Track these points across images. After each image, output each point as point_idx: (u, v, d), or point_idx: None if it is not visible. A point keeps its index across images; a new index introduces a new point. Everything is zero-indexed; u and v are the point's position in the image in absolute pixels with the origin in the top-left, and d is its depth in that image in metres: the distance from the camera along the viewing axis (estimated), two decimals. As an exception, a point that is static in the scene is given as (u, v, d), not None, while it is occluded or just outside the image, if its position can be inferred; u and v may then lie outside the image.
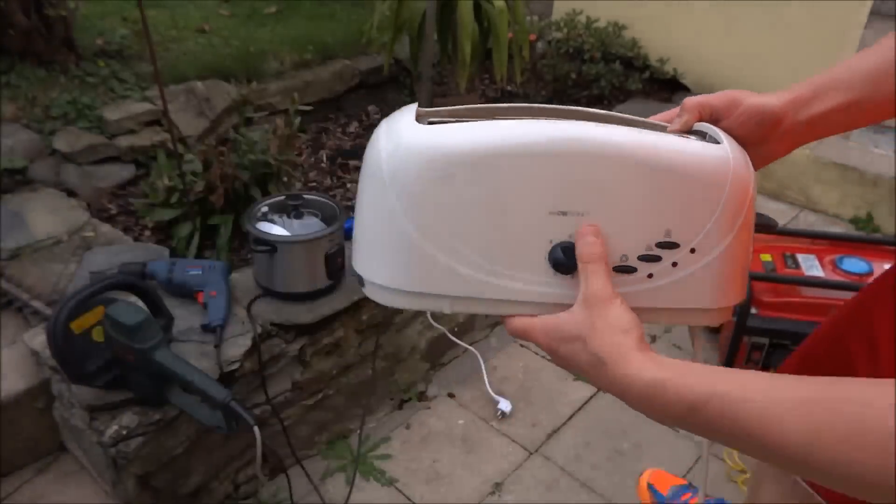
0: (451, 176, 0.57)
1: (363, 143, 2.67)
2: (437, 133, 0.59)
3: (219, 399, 1.25)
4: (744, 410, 0.48)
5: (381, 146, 0.65)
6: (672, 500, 1.64)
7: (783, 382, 0.49)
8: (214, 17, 3.25)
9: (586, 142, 0.56)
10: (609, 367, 0.55)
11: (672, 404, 0.52)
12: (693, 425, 0.53)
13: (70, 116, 2.25)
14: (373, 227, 0.63)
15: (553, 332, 0.59)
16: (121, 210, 2.14)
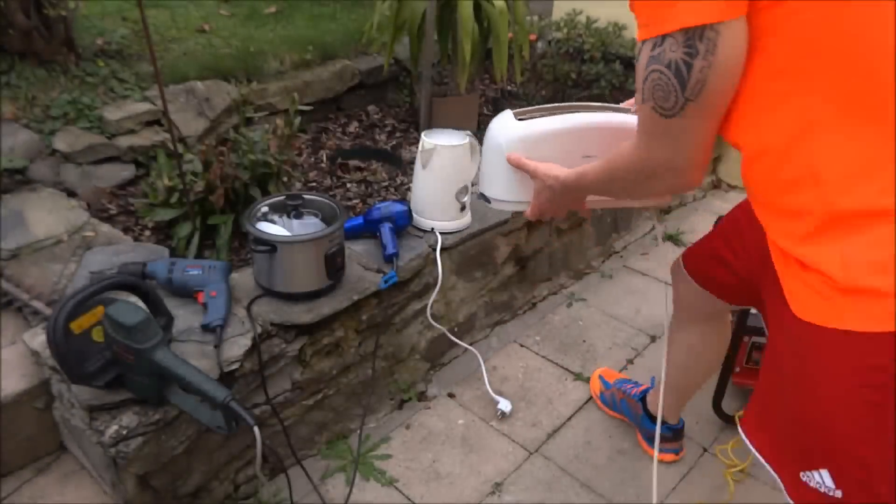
0: (533, 143, 1.25)
1: (363, 143, 2.68)
2: (524, 124, 1.25)
3: (218, 399, 1.25)
4: (591, 173, 1.12)
5: (497, 132, 1.28)
6: (616, 386, 1.92)
7: (598, 165, 1.11)
8: (214, 17, 3.25)
9: (594, 121, 1.24)
10: (560, 179, 1.19)
11: (576, 181, 1.16)
12: (585, 187, 1.17)
13: (70, 116, 2.25)
14: (495, 170, 1.29)
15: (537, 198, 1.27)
16: (121, 210, 2.14)
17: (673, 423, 1.78)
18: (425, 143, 1.83)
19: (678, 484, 1.76)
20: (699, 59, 0.86)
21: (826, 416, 0.90)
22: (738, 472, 1.78)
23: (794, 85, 0.87)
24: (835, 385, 0.88)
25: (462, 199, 1.90)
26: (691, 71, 0.87)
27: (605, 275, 2.58)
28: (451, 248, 1.95)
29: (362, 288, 1.71)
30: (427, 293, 1.93)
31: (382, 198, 2.29)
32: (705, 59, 0.86)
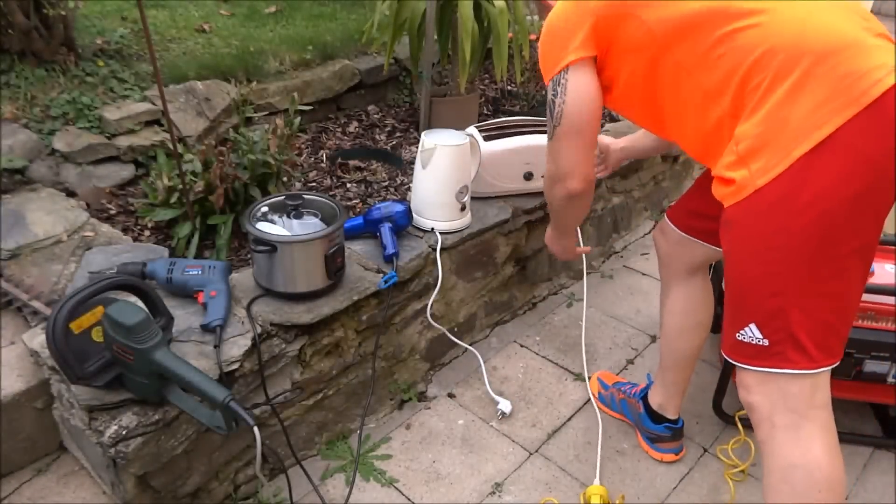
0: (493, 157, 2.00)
1: (363, 143, 2.68)
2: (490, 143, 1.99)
3: (218, 399, 1.25)
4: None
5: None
6: (614, 387, 1.97)
7: None
8: (214, 16, 3.25)
9: (534, 142, 2.02)
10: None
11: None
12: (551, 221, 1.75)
13: (69, 116, 2.25)
14: None
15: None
16: (120, 210, 2.14)
17: (673, 421, 1.78)
18: (425, 143, 1.82)
19: (678, 484, 1.76)
20: (558, 97, 1.34)
21: (747, 277, 1.18)
22: (739, 473, 1.78)
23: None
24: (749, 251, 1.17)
25: (462, 199, 1.90)
26: (555, 105, 1.35)
27: (605, 275, 2.58)
28: (451, 248, 1.94)
29: (362, 288, 1.71)
30: (427, 293, 1.92)
31: (382, 198, 2.29)
32: (560, 97, 1.34)
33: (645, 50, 1.24)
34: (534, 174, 2.08)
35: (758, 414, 1.23)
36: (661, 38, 1.21)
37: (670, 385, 1.76)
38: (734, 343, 1.22)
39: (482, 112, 2.95)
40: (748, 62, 1.12)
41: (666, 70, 1.23)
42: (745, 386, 1.24)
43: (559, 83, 1.32)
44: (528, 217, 2.17)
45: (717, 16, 1.16)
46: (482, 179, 2.03)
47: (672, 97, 1.26)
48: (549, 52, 1.35)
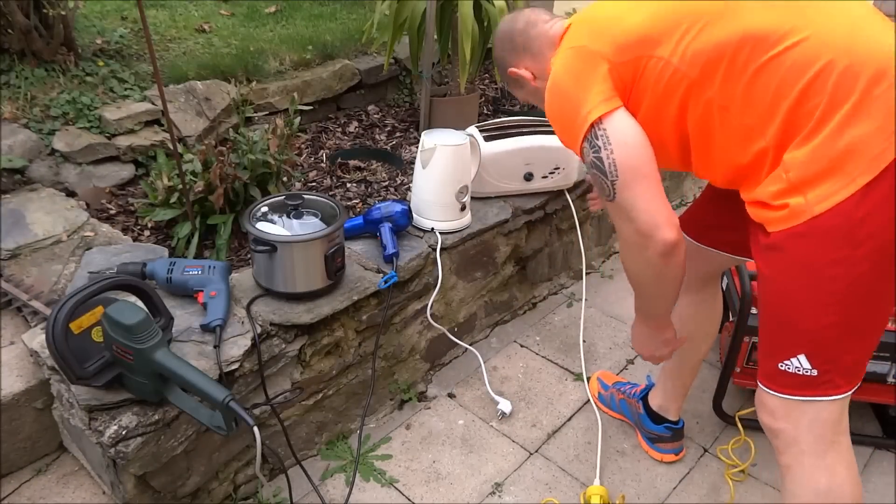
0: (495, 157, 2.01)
1: (363, 142, 2.68)
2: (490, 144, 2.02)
3: (218, 399, 1.25)
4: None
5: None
6: (614, 387, 1.95)
7: None
8: (214, 16, 3.25)
9: (535, 143, 2.06)
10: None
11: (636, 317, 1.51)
12: (640, 311, 1.47)
13: (69, 116, 2.25)
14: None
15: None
16: (120, 210, 2.14)
17: (673, 422, 1.78)
18: (425, 142, 1.82)
19: (678, 484, 1.76)
20: (603, 150, 1.17)
21: (800, 305, 1.11)
22: (739, 473, 1.78)
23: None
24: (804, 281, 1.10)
25: (462, 199, 1.90)
26: (603, 162, 1.18)
27: (605, 275, 2.58)
28: (451, 248, 1.94)
29: (362, 288, 1.71)
30: (427, 293, 1.92)
31: (382, 198, 2.29)
32: (606, 149, 1.17)
33: (671, 91, 1.15)
34: (534, 174, 2.09)
35: (783, 440, 1.20)
36: (689, 77, 1.13)
37: (672, 389, 1.76)
38: (775, 373, 1.16)
39: (482, 112, 2.95)
40: (801, 83, 1.05)
41: (696, 109, 1.15)
42: (769, 411, 1.21)
43: (597, 137, 1.17)
44: (528, 217, 2.17)
45: (750, 46, 1.09)
46: (482, 179, 2.03)
47: (702, 135, 1.17)
48: (568, 116, 1.22)
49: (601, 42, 1.19)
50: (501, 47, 1.42)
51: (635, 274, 1.32)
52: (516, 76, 1.40)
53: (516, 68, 1.39)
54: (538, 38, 1.35)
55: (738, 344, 1.76)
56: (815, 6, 1.10)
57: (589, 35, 1.23)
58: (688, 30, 1.13)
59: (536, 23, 1.36)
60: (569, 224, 2.39)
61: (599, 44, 1.19)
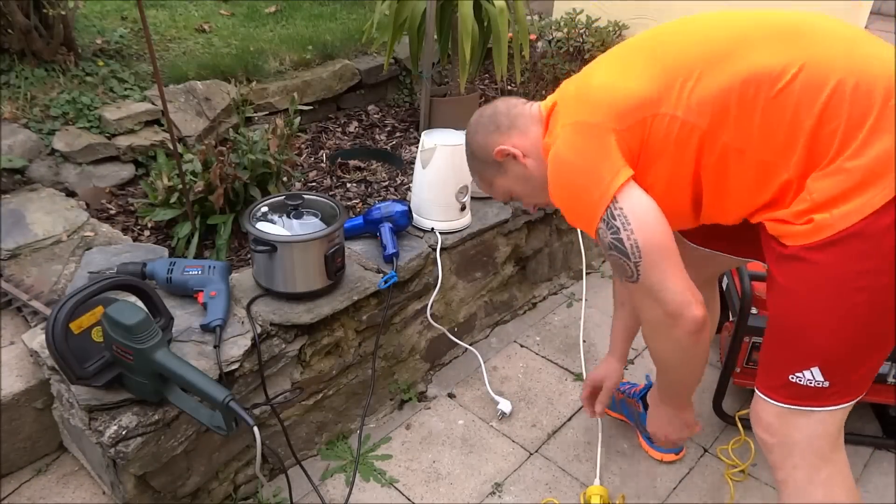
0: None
1: (363, 142, 2.67)
2: None
3: (218, 399, 1.25)
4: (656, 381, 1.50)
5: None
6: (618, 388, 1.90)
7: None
8: (214, 16, 3.25)
9: None
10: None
11: (659, 401, 1.54)
12: (665, 394, 1.50)
13: (69, 116, 2.25)
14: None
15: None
16: (120, 210, 2.14)
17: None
18: (425, 143, 1.82)
19: (679, 484, 1.76)
20: (622, 231, 1.12)
21: (819, 317, 1.09)
22: (739, 473, 1.78)
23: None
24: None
25: (462, 199, 1.90)
26: (623, 243, 1.13)
27: (605, 275, 2.58)
28: (451, 248, 1.94)
29: (362, 288, 1.71)
30: (427, 293, 1.92)
31: (382, 198, 2.29)
32: (626, 230, 1.12)
33: (683, 144, 1.12)
34: (534, 174, 2.08)
35: (779, 454, 1.20)
36: (699, 127, 1.10)
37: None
38: (785, 384, 1.15)
39: (482, 112, 2.95)
40: (817, 108, 1.04)
41: (711, 157, 1.12)
42: (765, 425, 1.20)
43: (614, 218, 1.13)
44: (528, 217, 2.17)
45: (755, 84, 1.07)
46: None
47: (718, 183, 1.14)
48: (579, 198, 1.18)
49: (600, 113, 1.15)
50: (484, 132, 1.36)
51: (662, 355, 1.30)
52: (506, 154, 1.33)
53: (504, 146, 1.32)
54: (522, 117, 1.33)
55: (738, 344, 1.76)
56: (806, 34, 1.10)
57: (584, 109, 1.19)
58: (685, 82, 1.11)
59: (516, 104, 1.35)
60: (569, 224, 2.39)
61: (599, 115, 1.15)
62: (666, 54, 1.17)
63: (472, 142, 1.39)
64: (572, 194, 1.19)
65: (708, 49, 1.13)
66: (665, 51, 1.18)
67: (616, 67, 1.20)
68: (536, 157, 1.31)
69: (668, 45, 1.19)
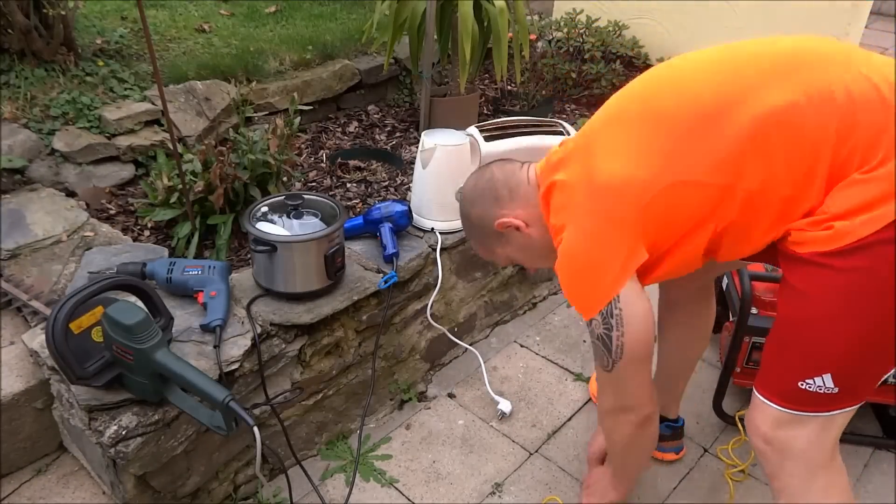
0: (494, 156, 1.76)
1: (363, 142, 2.67)
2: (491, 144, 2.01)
3: (218, 399, 1.25)
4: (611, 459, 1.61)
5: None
6: None
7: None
8: (214, 16, 3.25)
9: (533, 143, 2.05)
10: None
11: (612, 480, 1.60)
12: (617, 472, 1.58)
13: (69, 116, 2.25)
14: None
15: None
16: (120, 210, 2.14)
17: (673, 421, 1.78)
18: (425, 142, 1.82)
19: (679, 484, 1.76)
20: (614, 330, 1.17)
21: (837, 324, 1.07)
22: (739, 473, 1.78)
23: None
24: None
25: (462, 199, 1.90)
26: (612, 341, 1.19)
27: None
28: (451, 248, 1.94)
29: (362, 288, 1.71)
30: (427, 293, 1.92)
31: (382, 198, 2.29)
32: (618, 330, 1.17)
33: (715, 205, 1.10)
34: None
35: (775, 462, 1.20)
36: (717, 185, 1.08)
37: (669, 389, 1.76)
38: (794, 391, 1.13)
39: (482, 112, 2.95)
40: (832, 132, 1.03)
41: (731, 209, 1.10)
42: (762, 434, 1.19)
43: (611, 316, 1.16)
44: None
45: (767, 126, 1.05)
46: None
47: (738, 227, 1.13)
48: (587, 287, 1.19)
49: (609, 204, 1.14)
50: (483, 203, 1.34)
51: (610, 436, 1.41)
52: (508, 226, 1.32)
53: (506, 218, 1.31)
54: (521, 186, 1.31)
55: (739, 344, 1.76)
56: (803, 62, 1.09)
57: (594, 201, 1.16)
58: (694, 144, 1.09)
59: (514, 172, 1.33)
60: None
61: (609, 207, 1.14)
62: (664, 121, 1.13)
63: (471, 213, 1.38)
64: (580, 283, 1.21)
65: (709, 103, 1.10)
66: (662, 118, 1.14)
67: (618, 146, 1.16)
68: (538, 225, 1.30)
69: (663, 112, 1.15)
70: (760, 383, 1.21)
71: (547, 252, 1.28)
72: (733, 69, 1.13)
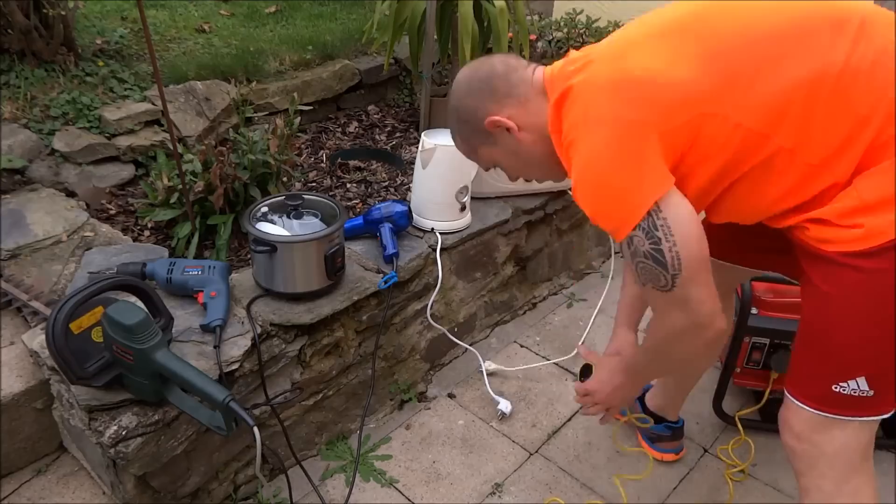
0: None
1: (363, 142, 2.67)
2: None
3: (218, 400, 1.25)
4: (640, 355, 1.32)
5: None
6: None
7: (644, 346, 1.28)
8: (214, 16, 3.25)
9: None
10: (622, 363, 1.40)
11: (633, 365, 1.36)
12: (638, 370, 1.35)
13: (69, 116, 2.25)
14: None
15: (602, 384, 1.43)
16: (120, 210, 2.14)
17: (673, 422, 1.78)
18: (425, 143, 1.82)
19: (678, 484, 1.76)
20: (664, 242, 1.03)
21: (871, 326, 1.03)
22: (739, 473, 1.78)
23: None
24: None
25: (462, 200, 1.90)
26: (664, 254, 1.03)
27: (605, 275, 2.58)
28: (451, 248, 1.94)
29: (362, 288, 1.71)
30: (427, 293, 1.92)
31: (382, 198, 2.29)
32: (667, 241, 1.02)
33: (733, 149, 1.03)
34: (534, 174, 2.08)
35: (807, 462, 1.16)
36: (754, 131, 1.01)
37: (673, 393, 1.75)
38: (827, 394, 1.10)
39: (482, 112, 2.94)
40: (884, 107, 0.97)
41: (756, 159, 1.03)
42: (796, 432, 1.15)
43: (655, 228, 1.02)
44: (528, 217, 2.17)
45: (818, 84, 0.98)
46: (482, 179, 2.03)
47: (754, 183, 1.07)
48: (616, 199, 1.05)
49: (643, 109, 1.02)
50: (476, 95, 1.20)
51: (673, 356, 1.21)
52: (499, 126, 1.18)
53: (499, 116, 1.18)
54: (522, 84, 1.18)
55: (739, 344, 1.76)
56: (864, 23, 1.01)
57: (623, 101, 1.03)
58: (741, 79, 1.01)
59: (516, 67, 1.19)
60: (569, 224, 2.39)
61: (642, 111, 1.02)
62: (719, 43, 1.04)
63: (461, 105, 1.22)
64: (606, 196, 1.06)
65: (766, 42, 1.02)
66: (717, 39, 1.04)
67: (661, 50, 1.05)
68: (533, 132, 1.17)
69: (720, 34, 1.05)
70: (792, 385, 1.17)
71: (535, 162, 1.19)
72: (795, 16, 1.04)
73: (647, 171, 1.02)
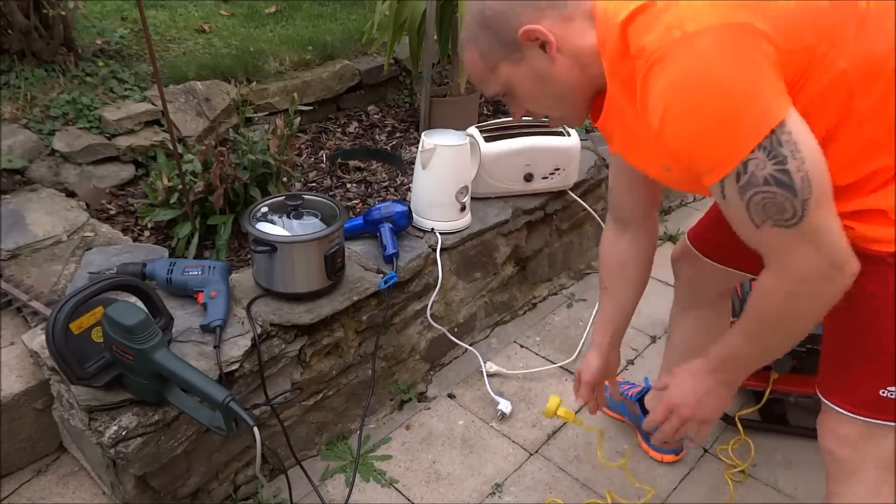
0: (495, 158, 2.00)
1: (363, 143, 2.68)
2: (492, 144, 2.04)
3: (218, 400, 1.25)
4: (735, 341, 1.12)
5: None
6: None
7: (739, 328, 1.10)
8: (214, 16, 3.25)
9: (538, 143, 2.07)
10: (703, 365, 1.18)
11: (723, 361, 1.15)
12: (734, 363, 1.15)
13: (69, 116, 2.25)
14: None
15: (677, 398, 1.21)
16: (120, 210, 2.14)
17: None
18: (425, 143, 1.82)
19: (679, 484, 1.76)
20: (791, 160, 0.87)
21: None
22: (739, 473, 1.77)
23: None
24: None
25: (462, 200, 1.90)
26: (791, 175, 0.87)
27: (605, 275, 2.58)
28: (451, 248, 1.94)
29: (362, 288, 1.71)
30: (427, 293, 1.92)
31: (382, 198, 2.29)
32: (795, 159, 0.87)
33: (831, 100, 0.93)
34: (534, 175, 2.08)
35: (847, 468, 1.14)
36: (853, 88, 0.92)
37: None
38: (875, 400, 1.06)
39: (482, 112, 2.95)
40: None
41: (833, 119, 0.95)
42: (841, 438, 1.12)
43: (780, 144, 0.86)
44: (528, 217, 2.17)
45: None
46: (482, 180, 2.04)
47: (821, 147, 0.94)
48: (731, 115, 0.87)
49: (759, 17, 0.88)
50: None
51: (794, 314, 0.99)
52: (536, 38, 0.99)
53: (537, 25, 0.98)
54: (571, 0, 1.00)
55: (739, 344, 1.76)
56: None
57: (733, 6, 0.88)
58: (858, 28, 0.91)
59: None
60: (569, 224, 2.39)
61: (759, 19, 0.88)
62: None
63: (488, 5, 1.02)
64: (720, 112, 0.88)
65: (862, 5, 0.94)
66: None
67: None
68: (571, 55, 1.01)
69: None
70: (832, 393, 1.12)
71: (561, 92, 1.04)
72: None
73: (768, 80, 0.87)
